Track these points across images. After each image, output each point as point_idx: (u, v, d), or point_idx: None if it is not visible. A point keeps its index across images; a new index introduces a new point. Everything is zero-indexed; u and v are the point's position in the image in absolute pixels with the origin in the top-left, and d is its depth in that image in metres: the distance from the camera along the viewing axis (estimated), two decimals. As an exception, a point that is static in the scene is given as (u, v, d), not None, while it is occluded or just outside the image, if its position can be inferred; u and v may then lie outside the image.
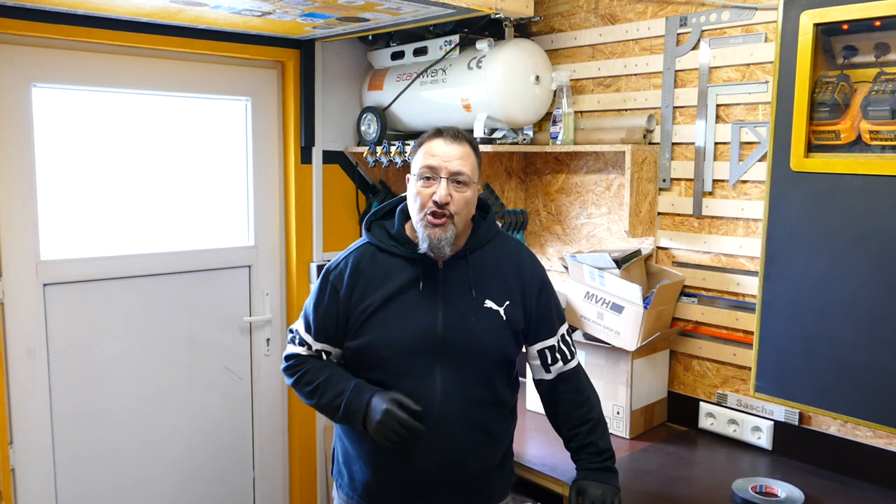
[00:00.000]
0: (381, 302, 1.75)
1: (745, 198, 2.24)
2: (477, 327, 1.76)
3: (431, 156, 1.71)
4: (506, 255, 1.86)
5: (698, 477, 2.08)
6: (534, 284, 1.85)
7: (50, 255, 2.50)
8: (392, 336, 1.73)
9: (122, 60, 2.57)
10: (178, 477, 2.85)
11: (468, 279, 1.78)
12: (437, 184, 1.70)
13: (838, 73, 1.83)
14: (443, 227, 1.70)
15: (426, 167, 1.71)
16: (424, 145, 1.75)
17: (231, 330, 2.94)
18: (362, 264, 1.80)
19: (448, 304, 1.76)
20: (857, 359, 1.82)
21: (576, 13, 2.65)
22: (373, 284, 1.77)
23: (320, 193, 3.02)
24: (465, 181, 1.71)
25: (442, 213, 1.69)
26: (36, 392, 2.49)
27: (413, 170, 1.76)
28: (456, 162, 1.70)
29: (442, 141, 1.73)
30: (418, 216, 1.72)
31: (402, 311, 1.74)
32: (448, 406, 1.73)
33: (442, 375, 1.73)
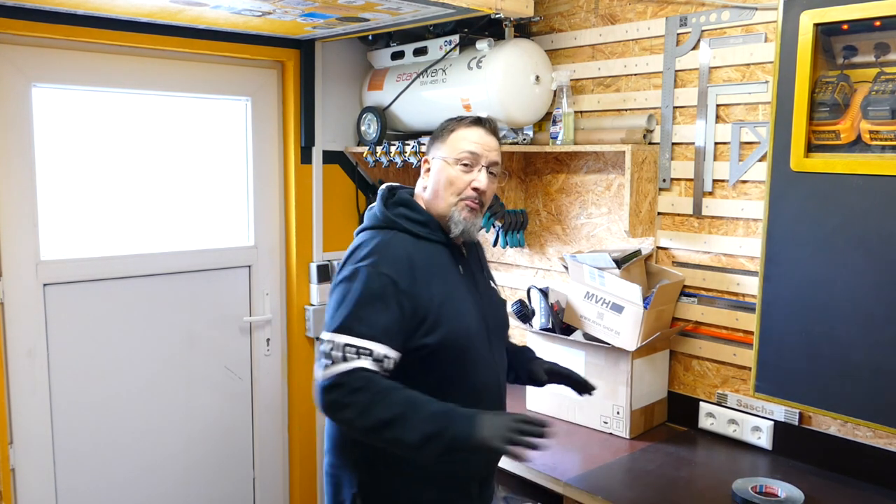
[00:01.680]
0: (443, 292, 1.67)
1: (745, 198, 2.24)
2: (498, 306, 1.88)
3: (474, 143, 1.72)
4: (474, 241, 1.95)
5: (698, 477, 2.08)
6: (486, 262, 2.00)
7: (50, 255, 2.50)
8: (464, 324, 1.69)
9: (122, 60, 2.57)
10: (178, 477, 2.85)
11: (480, 263, 1.90)
12: (477, 171, 1.72)
13: (838, 73, 1.83)
14: (477, 212, 1.74)
15: (469, 153, 1.72)
16: (464, 130, 1.74)
17: (231, 330, 2.94)
18: (410, 253, 1.66)
19: (479, 287, 1.82)
20: (857, 359, 1.82)
21: (576, 13, 2.65)
22: (429, 273, 1.67)
23: (320, 193, 3.02)
24: (496, 173, 1.77)
25: (477, 200, 1.72)
26: (36, 392, 2.49)
27: (447, 153, 1.73)
28: (494, 153, 1.75)
29: (483, 131, 1.75)
30: (452, 199, 1.72)
31: (460, 297, 1.72)
32: (502, 383, 1.82)
33: (493, 356, 1.78)
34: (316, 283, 3.00)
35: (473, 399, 1.65)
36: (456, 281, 1.74)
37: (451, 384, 1.66)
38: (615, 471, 2.11)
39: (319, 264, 3.01)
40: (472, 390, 1.70)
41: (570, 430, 2.40)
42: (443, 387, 1.63)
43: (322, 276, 3.01)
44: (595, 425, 2.40)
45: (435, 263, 1.71)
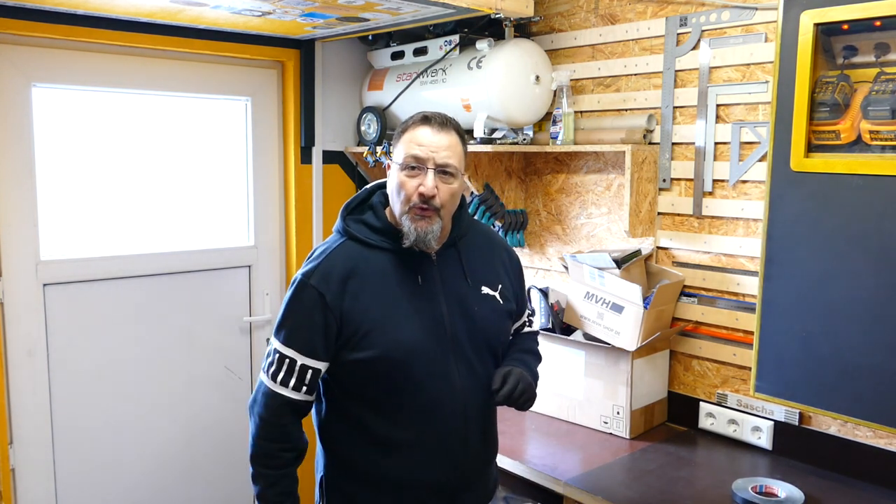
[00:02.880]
0: (385, 305, 1.62)
1: (745, 198, 2.24)
2: (480, 315, 1.71)
3: (418, 145, 1.60)
4: (487, 241, 1.83)
5: (698, 477, 2.08)
6: (513, 266, 1.86)
7: (50, 255, 2.50)
8: (403, 341, 1.61)
9: (122, 60, 2.57)
10: (178, 476, 2.85)
11: (461, 268, 1.72)
12: (424, 175, 1.59)
13: (838, 73, 1.83)
14: (429, 219, 1.60)
15: (412, 157, 1.60)
16: (409, 132, 1.63)
17: (231, 330, 2.94)
18: (350, 264, 1.63)
19: (449, 295, 1.68)
20: (857, 359, 1.82)
21: (576, 13, 2.65)
22: (368, 286, 1.62)
23: (320, 193, 3.02)
24: (452, 173, 1.62)
25: (429, 205, 1.59)
26: (36, 392, 2.49)
27: (396, 157, 1.64)
28: (443, 153, 1.60)
29: (430, 129, 1.61)
30: (402, 208, 1.61)
31: (407, 311, 1.63)
32: (467, 399, 1.68)
33: (457, 370, 1.66)
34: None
35: (423, 417, 1.64)
36: (406, 293, 1.64)
37: (392, 400, 1.64)
38: (615, 471, 2.11)
39: (319, 264, 3.01)
40: (419, 408, 1.64)
41: (570, 430, 2.40)
42: (383, 402, 1.64)
43: (322, 276, 3.01)
44: (595, 425, 2.40)
45: (380, 275, 1.63)
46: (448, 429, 1.67)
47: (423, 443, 1.66)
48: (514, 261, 1.88)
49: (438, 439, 1.66)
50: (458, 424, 1.67)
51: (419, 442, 1.66)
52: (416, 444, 1.66)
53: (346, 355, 1.62)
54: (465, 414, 1.68)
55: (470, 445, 1.71)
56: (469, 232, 1.79)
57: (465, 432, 1.69)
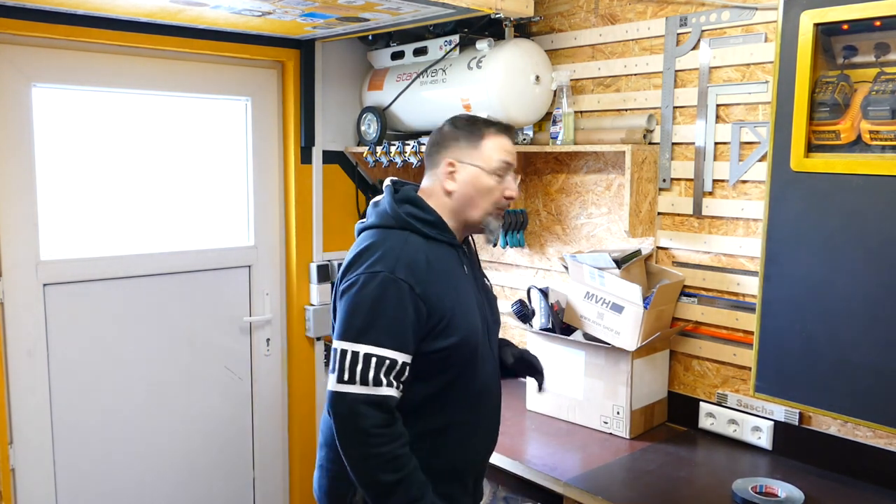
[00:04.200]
0: (455, 293, 1.68)
1: (745, 198, 2.24)
2: (495, 303, 1.89)
3: (507, 152, 1.75)
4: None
5: (698, 477, 2.08)
6: None
7: (50, 255, 2.50)
8: (474, 325, 1.72)
9: (122, 60, 2.57)
10: (178, 477, 2.85)
11: (477, 260, 1.90)
12: (507, 178, 1.76)
13: (838, 73, 1.83)
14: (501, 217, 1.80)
15: (506, 163, 1.75)
16: (494, 139, 1.75)
17: (231, 330, 2.94)
18: (425, 255, 1.65)
19: (479, 286, 1.83)
20: (857, 359, 1.82)
21: (576, 13, 2.65)
22: (443, 275, 1.67)
23: (320, 193, 3.02)
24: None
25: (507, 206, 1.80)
26: (36, 392, 2.49)
27: (481, 162, 1.72)
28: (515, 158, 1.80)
29: (509, 137, 1.79)
30: (490, 209, 1.75)
31: (468, 298, 1.74)
32: (498, 381, 1.85)
33: (492, 354, 1.81)
34: (316, 283, 3.00)
35: (477, 399, 1.76)
36: (464, 282, 1.75)
37: (459, 383, 1.70)
38: (615, 471, 2.11)
39: (319, 264, 3.01)
40: (476, 389, 1.75)
41: (570, 430, 2.40)
42: (447, 388, 1.69)
43: (322, 276, 3.01)
44: (595, 425, 2.40)
45: (446, 265, 1.71)
46: (492, 410, 1.82)
47: (477, 424, 1.77)
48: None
49: (487, 421, 1.81)
50: (497, 406, 1.84)
51: (473, 424, 1.76)
52: (469, 426, 1.75)
53: (429, 344, 1.63)
54: (499, 396, 1.85)
55: (495, 430, 1.87)
56: None
57: (498, 413, 1.85)
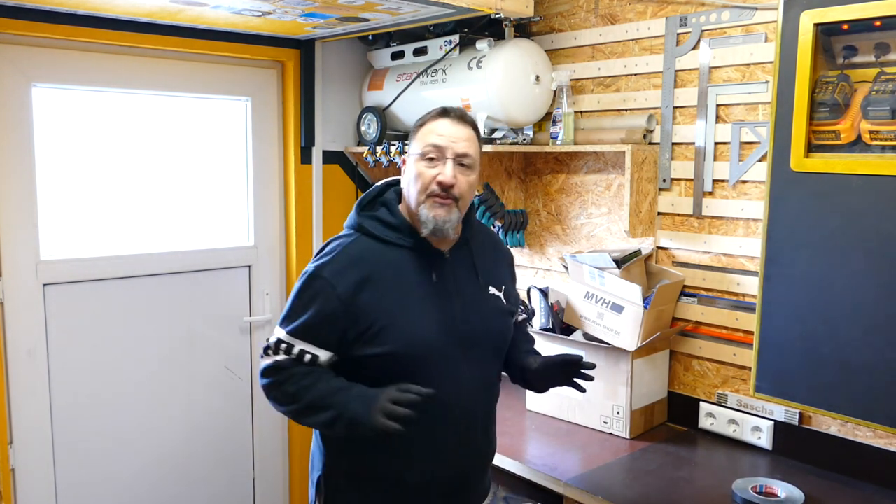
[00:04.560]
0: (400, 301, 1.62)
1: (745, 198, 2.24)
2: (489, 315, 1.74)
3: (438, 135, 1.62)
4: (491, 242, 1.88)
5: (698, 477, 2.08)
6: (510, 265, 1.91)
7: (50, 255, 2.50)
8: (419, 337, 1.62)
9: (122, 60, 2.57)
10: (177, 476, 2.85)
11: (473, 268, 1.74)
12: (443, 164, 1.61)
13: (838, 73, 1.83)
14: (448, 208, 1.61)
15: (432, 146, 1.62)
16: (428, 124, 1.66)
17: (231, 330, 2.94)
18: (365, 260, 1.63)
19: (462, 293, 1.70)
20: (857, 359, 1.82)
21: (576, 13, 2.65)
22: (384, 282, 1.62)
23: (320, 193, 3.02)
24: (470, 164, 1.64)
25: (448, 195, 1.61)
26: (36, 392, 2.49)
27: (413, 149, 1.66)
28: (462, 143, 1.63)
29: (449, 121, 1.65)
30: (420, 197, 1.62)
31: (421, 308, 1.64)
32: (473, 398, 1.71)
33: (466, 370, 1.68)
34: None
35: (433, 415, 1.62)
36: (420, 289, 1.64)
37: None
38: (615, 471, 2.11)
39: (319, 264, 3.01)
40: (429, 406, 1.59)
41: (570, 430, 2.40)
42: None
43: (322, 276, 3.01)
44: (595, 425, 2.40)
45: (395, 271, 1.64)
46: (456, 428, 1.68)
47: (433, 441, 1.66)
48: (511, 261, 1.94)
49: (447, 438, 1.67)
50: (465, 424, 1.69)
51: (429, 440, 1.65)
52: (425, 442, 1.65)
53: (360, 350, 1.62)
54: (472, 413, 1.71)
55: (473, 445, 1.73)
56: (478, 233, 1.83)
57: (470, 432, 1.71)
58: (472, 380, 1.70)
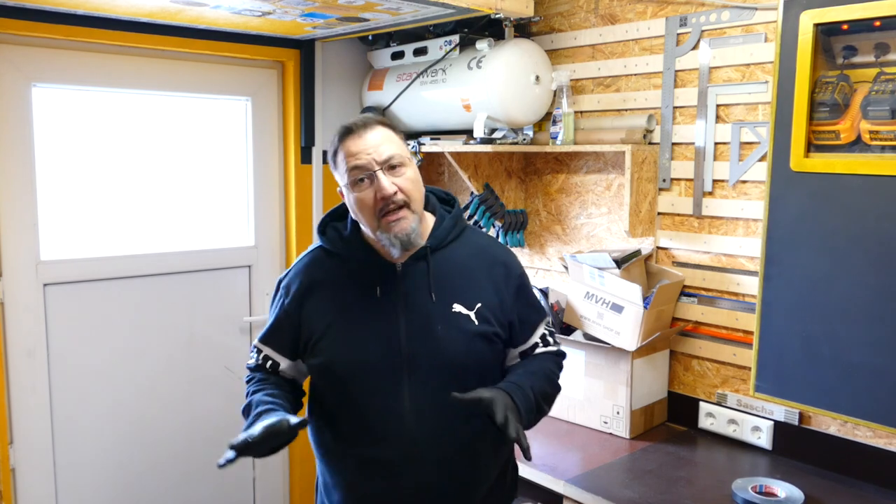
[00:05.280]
0: (336, 315, 1.59)
1: (745, 198, 2.24)
2: (445, 335, 1.57)
3: (352, 156, 1.53)
4: (475, 253, 1.67)
5: (698, 477, 2.08)
6: (510, 283, 1.66)
7: (50, 255, 2.50)
8: (352, 353, 1.57)
9: (122, 60, 2.57)
10: (178, 476, 2.85)
11: (428, 282, 1.60)
12: (376, 181, 1.51)
13: (838, 73, 1.83)
14: (405, 219, 1.53)
15: (353, 169, 1.53)
16: (340, 151, 1.56)
17: (231, 330, 2.94)
18: (313, 272, 1.65)
19: (411, 311, 1.58)
20: (857, 359, 1.82)
21: (576, 13, 2.65)
22: (325, 294, 1.61)
23: (320, 193, 3.02)
24: (399, 163, 1.54)
25: (396, 204, 1.52)
26: (36, 392, 2.49)
27: (341, 181, 1.58)
28: (380, 148, 1.53)
29: (354, 136, 1.54)
30: (373, 223, 1.54)
31: (360, 323, 1.58)
32: (421, 425, 1.56)
33: (411, 392, 1.56)
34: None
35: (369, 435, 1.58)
36: (361, 305, 1.58)
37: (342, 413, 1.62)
38: (615, 471, 2.11)
39: (319, 264, 3.01)
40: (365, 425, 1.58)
41: (570, 430, 2.40)
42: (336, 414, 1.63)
43: (322, 276, 3.01)
44: (595, 425, 2.40)
45: (337, 284, 1.61)
46: (395, 452, 1.57)
47: (370, 462, 1.59)
48: (512, 278, 1.68)
49: (385, 461, 1.58)
50: (406, 449, 1.57)
51: (366, 461, 1.60)
52: (364, 462, 1.60)
53: (306, 360, 1.66)
54: (413, 438, 1.57)
55: (422, 473, 1.58)
56: (455, 242, 1.66)
57: (413, 457, 1.57)
58: (418, 403, 1.56)
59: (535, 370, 1.65)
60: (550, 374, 1.69)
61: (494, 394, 1.48)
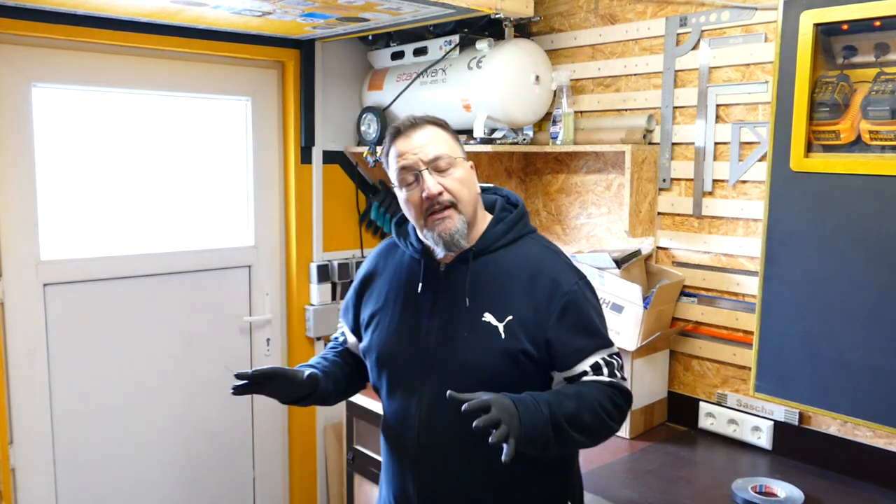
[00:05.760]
0: (383, 304, 1.65)
1: (745, 198, 2.24)
2: (466, 343, 1.53)
3: (400, 156, 1.54)
4: (522, 263, 1.57)
5: (698, 477, 2.08)
6: (555, 300, 1.53)
7: (50, 255, 2.50)
8: (385, 341, 1.62)
9: (122, 60, 2.57)
10: (178, 477, 2.85)
11: (464, 287, 1.56)
12: (422, 180, 1.52)
13: (838, 73, 1.83)
14: (449, 218, 1.51)
15: (401, 170, 1.54)
16: (390, 152, 1.58)
17: (231, 330, 2.94)
18: (378, 260, 1.73)
19: (443, 313, 1.56)
20: (857, 359, 1.82)
21: (576, 13, 2.65)
22: (381, 283, 1.68)
23: (320, 193, 3.02)
24: (448, 164, 1.53)
25: (441, 205, 1.51)
26: (36, 392, 2.50)
27: (393, 181, 1.59)
28: (427, 148, 1.53)
29: (402, 137, 1.56)
30: (419, 223, 1.55)
31: (399, 316, 1.61)
32: (433, 428, 1.54)
33: (429, 393, 1.54)
34: (316, 283, 3.00)
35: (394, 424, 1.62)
36: (402, 297, 1.62)
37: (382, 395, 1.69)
38: (615, 471, 2.11)
39: (319, 264, 3.01)
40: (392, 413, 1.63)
41: (570, 430, 2.40)
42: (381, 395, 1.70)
43: (322, 276, 3.01)
44: (595, 425, 2.39)
45: (391, 274, 1.67)
46: (406, 446, 1.58)
47: (390, 450, 1.66)
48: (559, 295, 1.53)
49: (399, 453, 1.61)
50: (414, 447, 1.57)
51: (388, 447, 1.67)
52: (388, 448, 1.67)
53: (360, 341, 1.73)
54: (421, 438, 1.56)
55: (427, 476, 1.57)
56: (506, 248, 1.60)
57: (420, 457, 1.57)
58: (434, 411, 1.54)
59: (571, 393, 1.49)
60: (593, 400, 1.49)
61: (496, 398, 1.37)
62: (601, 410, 1.49)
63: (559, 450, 1.46)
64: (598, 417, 1.48)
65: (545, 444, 1.42)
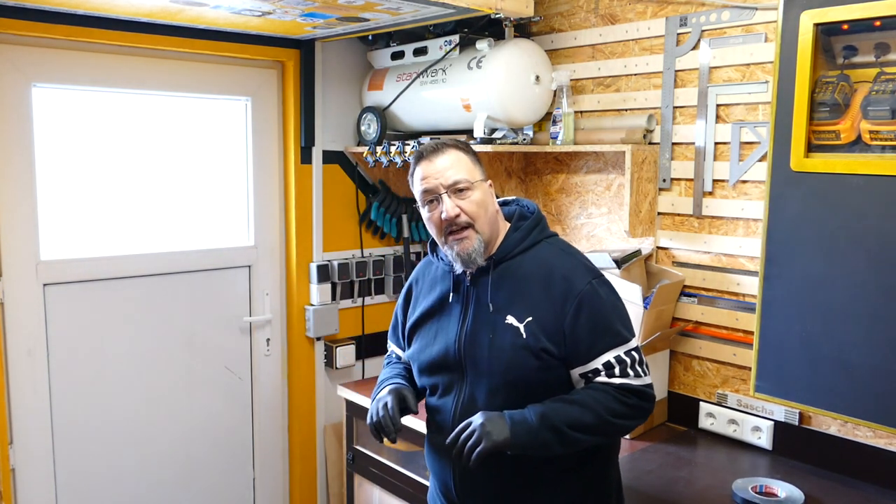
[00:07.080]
0: (421, 314, 1.79)
1: (745, 198, 2.24)
2: (492, 345, 1.64)
3: (423, 180, 1.67)
4: (539, 265, 1.67)
5: (698, 477, 2.08)
6: (570, 298, 1.62)
7: (50, 255, 2.50)
8: (425, 349, 1.76)
9: (122, 60, 2.57)
10: (178, 476, 2.85)
11: (488, 292, 1.68)
12: (442, 202, 1.65)
13: (838, 73, 1.83)
14: (467, 239, 1.64)
15: (423, 192, 1.68)
16: (415, 174, 1.71)
17: (231, 330, 2.94)
18: (419, 273, 1.88)
19: (472, 318, 1.69)
20: (857, 359, 1.82)
21: (576, 13, 2.65)
22: (421, 294, 1.83)
23: (320, 193, 3.02)
24: (466, 186, 1.64)
25: (459, 226, 1.64)
26: (36, 392, 2.49)
27: (417, 199, 1.73)
28: (447, 173, 1.64)
29: (425, 162, 1.68)
30: (440, 240, 1.70)
31: (436, 323, 1.76)
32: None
33: (463, 394, 1.69)
34: (316, 283, 3.00)
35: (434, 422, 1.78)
36: (437, 305, 1.77)
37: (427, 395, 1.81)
38: (615, 471, 2.10)
39: (319, 264, 3.01)
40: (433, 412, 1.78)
41: (570, 430, 2.40)
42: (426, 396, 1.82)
43: (322, 276, 3.01)
44: (595, 425, 2.39)
45: (432, 285, 1.80)
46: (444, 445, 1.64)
47: (431, 446, 1.80)
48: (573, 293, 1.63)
49: (439, 449, 1.73)
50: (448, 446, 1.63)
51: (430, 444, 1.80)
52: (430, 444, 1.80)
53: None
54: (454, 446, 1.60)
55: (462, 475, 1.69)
56: (521, 254, 1.69)
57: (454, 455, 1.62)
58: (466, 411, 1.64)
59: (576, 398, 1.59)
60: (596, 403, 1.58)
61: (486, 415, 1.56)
62: (606, 412, 1.58)
63: (565, 449, 1.58)
64: (603, 419, 1.58)
65: (544, 445, 1.56)
